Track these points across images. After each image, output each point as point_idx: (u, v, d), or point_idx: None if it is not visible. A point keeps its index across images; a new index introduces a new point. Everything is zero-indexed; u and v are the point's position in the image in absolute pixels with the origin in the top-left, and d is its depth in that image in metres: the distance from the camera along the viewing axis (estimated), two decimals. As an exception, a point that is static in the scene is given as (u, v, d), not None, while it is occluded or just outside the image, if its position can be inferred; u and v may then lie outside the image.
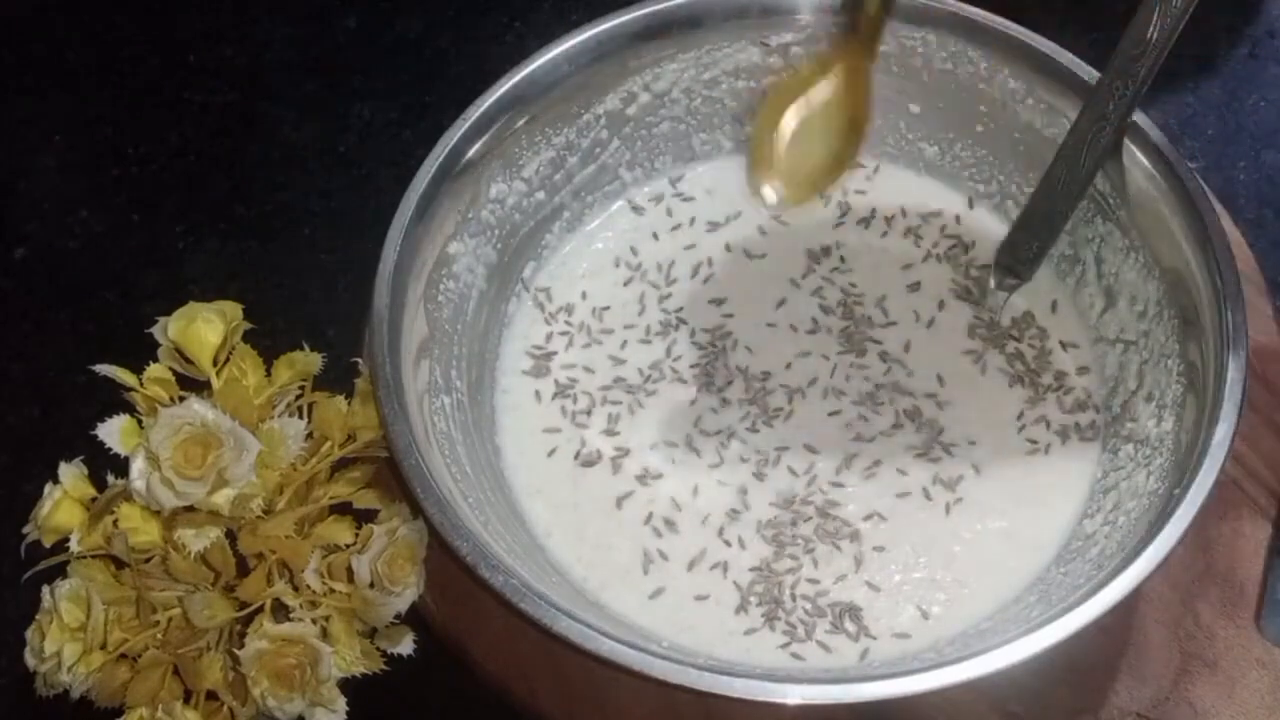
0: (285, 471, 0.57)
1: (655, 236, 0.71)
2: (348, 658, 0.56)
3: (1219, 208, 0.61)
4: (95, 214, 0.79)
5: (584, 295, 0.69)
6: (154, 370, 0.58)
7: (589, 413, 0.65)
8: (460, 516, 0.54)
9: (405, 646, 0.58)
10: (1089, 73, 0.62)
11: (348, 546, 0.57)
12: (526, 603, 0.51)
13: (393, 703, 0.58)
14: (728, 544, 0.61)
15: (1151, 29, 0.56)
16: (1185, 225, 0.59)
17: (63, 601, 0.54)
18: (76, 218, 0.79)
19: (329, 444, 0.59)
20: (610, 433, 0.65)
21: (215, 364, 0.58)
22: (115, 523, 0.55)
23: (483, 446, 0.63)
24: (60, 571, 0.56)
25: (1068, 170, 0.61)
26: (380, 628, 0.57)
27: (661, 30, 0.66)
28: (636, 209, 0.72)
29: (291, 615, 0.56)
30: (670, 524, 0.62)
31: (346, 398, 0.59)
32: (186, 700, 0.55)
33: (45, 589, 0.55)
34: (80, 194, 0.80)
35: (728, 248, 0.70)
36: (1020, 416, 0.64)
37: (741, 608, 0.60)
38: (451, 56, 0.84)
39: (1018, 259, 0.65)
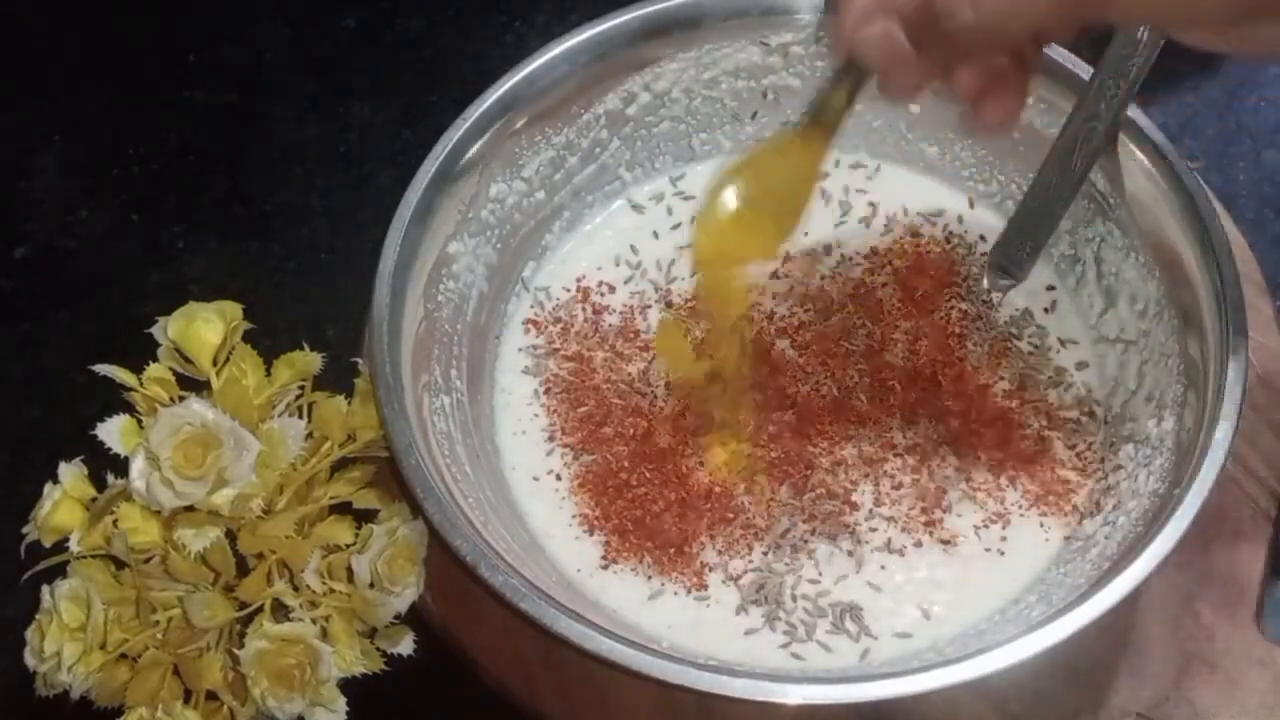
0: (285, 471, 0.57)
1: (655, 235, 0.71)
2: (348, 658, 0.56)
3: (1219, 208, 0.61)
4: (95, 214, 0.79)
5: (584, 294, 0.69)
6: (154, 370, 0.58)
7: (589, 412, 0.65)
8: (460, 516, 0.54)
9: (405, 646, 0.58)
10: (1088, 72, 0.62)
11: (348, 546, 0.57)
12: (526, 603, 0.51)
13: (393, 703, 0.58)
14: (728, 544, 0.61)
15: (1142, 28, 0.56)
16: (1185, 225, 0.59)
17: (63, 601, 0.54)
18: (76, 218, 0.79)
19: (329, 444, 0.59)
20: (610, 432, 0.65)
21: (215, 364, 0.58)
22: (115, 523, 0.55)
23: (482, 446, 0.63)
24: (60, 571, 0.56)
25: (1060, 170, 0.61)
26: (380, 628, 0.57)
27: (661, 30, 0.66)
28: (637, 208, 0.72)
29: (291, 615, 0.56)
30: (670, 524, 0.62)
31: (346, 398, 0.59)
32: (186, 700, 0.55)
33: (45, 589, 0.55)
34: (80, 194, 0.80)
35: (728, 246, 0.70)
36: (1021, 413, 0.64)
37: (741, 608, 0.60)
38: (451, 56, 0.84)
39: (1012, 259, 0.65)
